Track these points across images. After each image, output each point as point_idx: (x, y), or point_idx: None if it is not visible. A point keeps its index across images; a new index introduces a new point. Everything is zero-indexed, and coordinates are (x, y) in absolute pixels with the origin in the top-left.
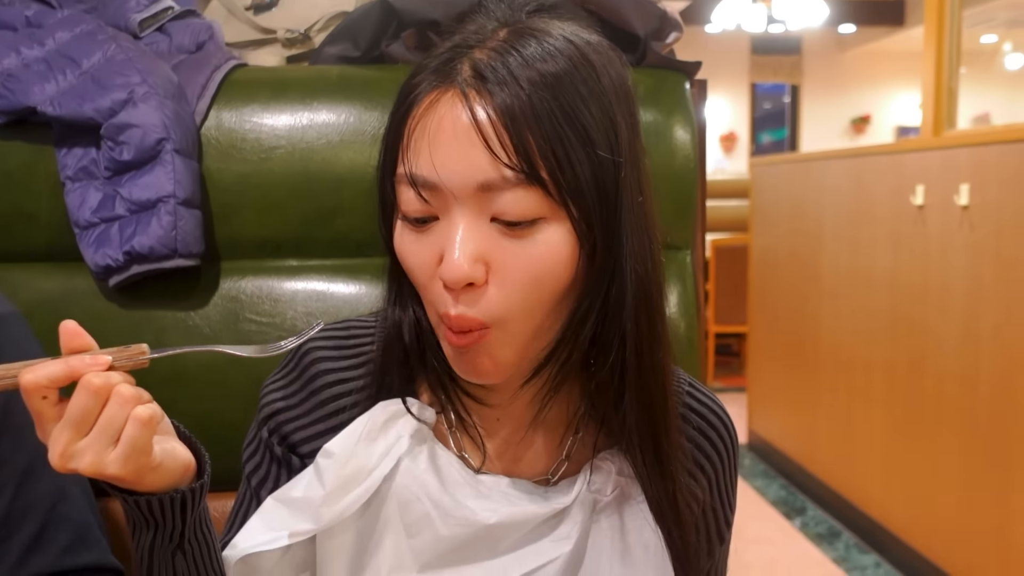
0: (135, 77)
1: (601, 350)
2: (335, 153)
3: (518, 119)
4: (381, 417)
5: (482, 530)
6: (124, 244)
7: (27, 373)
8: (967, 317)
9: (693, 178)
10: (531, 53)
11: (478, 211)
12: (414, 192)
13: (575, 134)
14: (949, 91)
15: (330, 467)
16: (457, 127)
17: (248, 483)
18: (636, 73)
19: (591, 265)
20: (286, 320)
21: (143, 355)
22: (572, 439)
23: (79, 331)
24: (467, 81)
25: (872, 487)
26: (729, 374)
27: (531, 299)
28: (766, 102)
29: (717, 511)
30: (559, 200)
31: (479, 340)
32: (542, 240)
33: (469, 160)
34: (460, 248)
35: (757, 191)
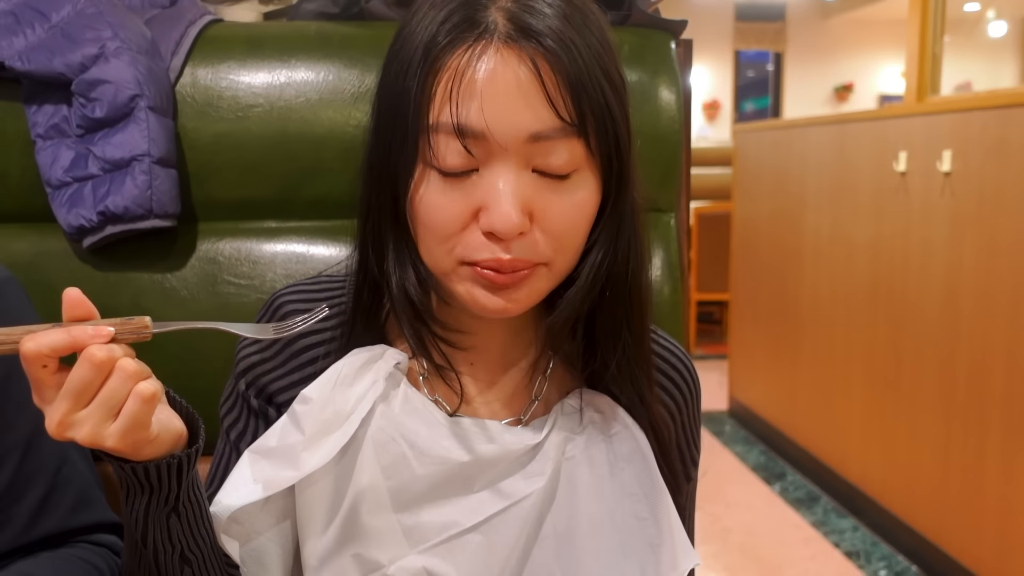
0: (106, 31)
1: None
2: (314, 112)
3: (576, 75)
4: (356, 363)
5: (456, 468)
6: (98, 204)
7: (28, 341)
8: (948, 283)
9: (678, 139)
10: (558, 9)
11: (522, 162)
12: (458, 143)
13: (610, 86)
14: (933, 57)
15: (308, 412)
16: (511, 79)
17: (227, 437)
18: (621, 32)
19: (612, 208)
20: (265, 282)
21: (146, 328)
22: (541, 378)
23: (82, 299)
24: (510, 34)
25: (851, 452)
26: (711, 342)
27: (571, 241)
28: (749, 70)
29: (683, 449)
30: (596, 151)
31: (528, 277)
32: (576, 187)
33: (521, 111)
34: (510, 199)
35: (740, 158)
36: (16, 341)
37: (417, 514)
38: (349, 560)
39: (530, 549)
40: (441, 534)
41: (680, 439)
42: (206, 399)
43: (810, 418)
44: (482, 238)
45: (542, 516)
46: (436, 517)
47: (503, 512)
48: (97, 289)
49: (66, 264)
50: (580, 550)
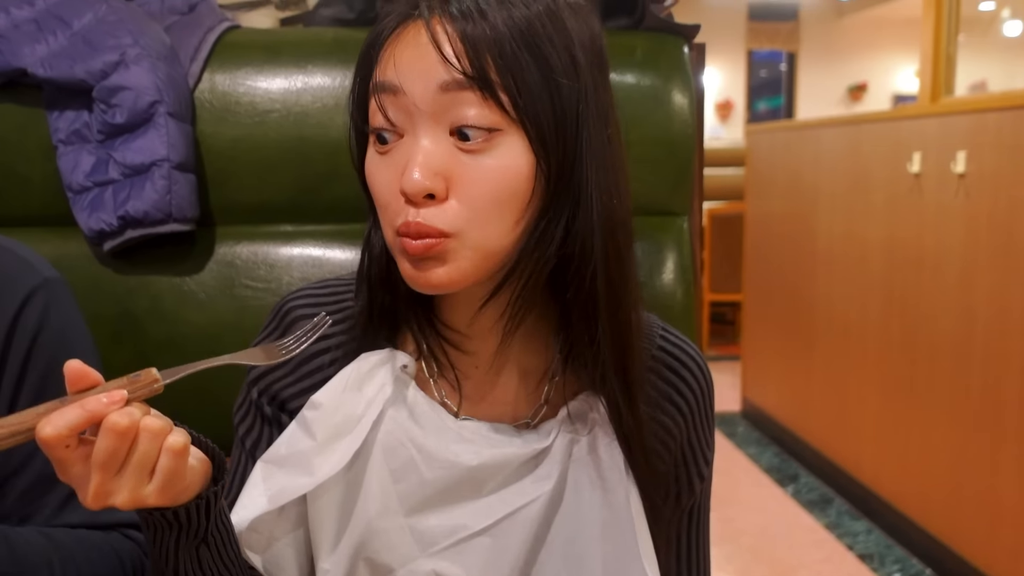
0: (127, 38)
1: (573, 282)
2: (330, 117)
3: (473, 29)
4: (364, 367)
5: (465, 472)
6: (118, 208)
7: (45, 426)
8: (962, 285)
9: (691, 143)
10: None
11: (437, 123)
12: (378, 103)
13: (531, 55)
14: (947, 57)
15: (319, 418)
16: (419, 39)
17: (242, 445)
18: (634, 36)
19: (549, 186)
20: (281, 285)
21: (156, 383)
22: (549, 384)
23: (84, 370)
24: (431, 7)
25: (864, 454)
26: (723, 342)
27: (490, 213)
28: (762, 69)
29: (695, 447)
30: (514, 116)
31: (436, 247)
32: (497, 155)
33: (428, 65)
34: (421, 160)
35: (753, 158)
36: (30, 427)
37: (426, 518)
38: (360, 564)
39: (538, 552)
40: (450, 537)
41: (691, 438)
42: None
43: (823, 419)
44: (403, 203)
45: (550, 519)
46: (445, 521)
47: (512, 515)
48: (117, 292)
49: (87, 267)
50: (587, 553)
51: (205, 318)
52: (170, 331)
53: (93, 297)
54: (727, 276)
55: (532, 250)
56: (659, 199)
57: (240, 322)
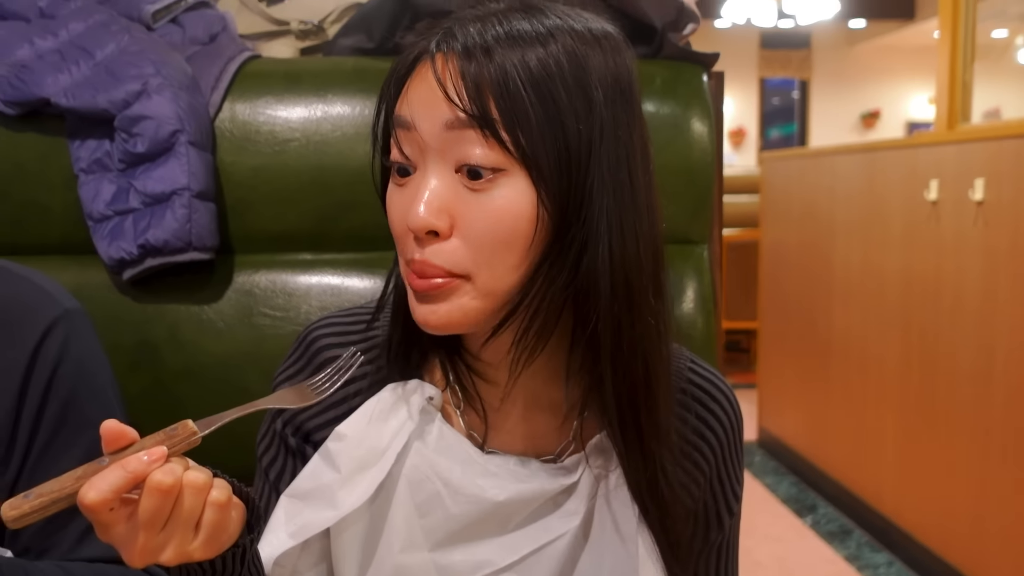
0: (149, 68)
1: (579, 324)
2: (350, 146)
3: (477, 68)
4: (390, 398)
5: (492, 507)
6: (138, 237)
7: (89, 491)
8: (982, 314)
9: (710, 172)
10: (515, 20)
11: (444, 160)
12: (394, 137)
13: (537, 94)
14: (964, 85)
15: (343, 450)
16: (429, 76)
17: (266, 476)
18: (653, 65)
19: (554, 227)
20: (300, 314)
21: (194, 435)
22: (578, 420)
23: (121, 430)
24: (444, 41)
25: (884, 484)
26: (739, 371)
27: (492, 252)
28: (775, 97)
29: (724, 483)
30: (517, 156)
31: (441, 288)
32: (500, 195)
33: (438, 102)
34: (427, 197)
35: (767, 186)
36: (71, 492)
37: (451, 553)
38: None
39: None
40: (475, 573)
41: (721, 473)
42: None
43: (842, 449)
44: (412, 238)
45: (576, 555)
46: (470, 556)
47: (537, 552)
48: (135, 320)
49: (105, 296)
50: None
51: (223, 347)
52: (188, 360)
53: (111, 326)
54: (742, 304)
55: (536, 289)
56: (678, 228)
57: (258, 351)
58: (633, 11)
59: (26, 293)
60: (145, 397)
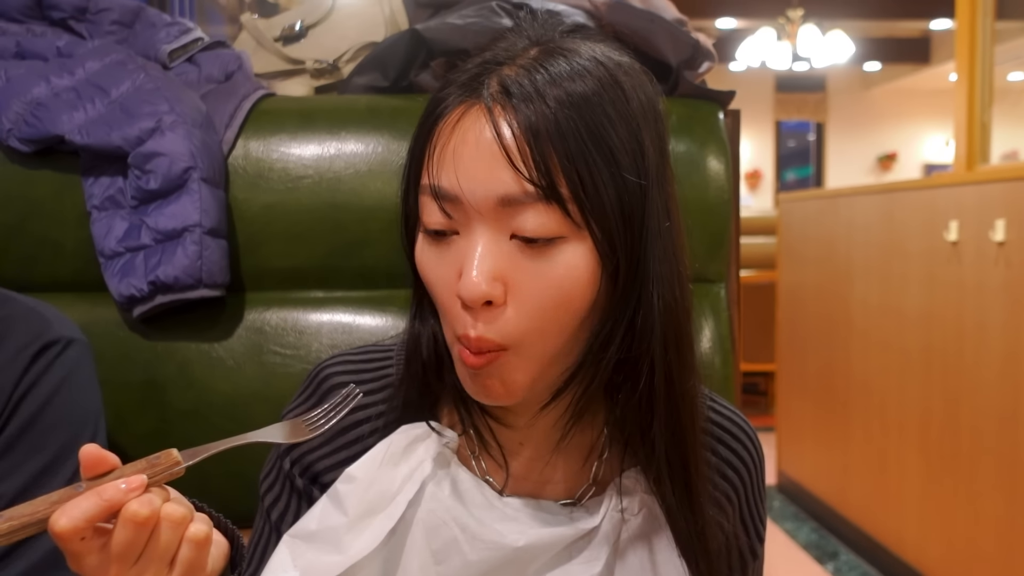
0: (163, 106)
1: (629, 377)
2: (363, 183)
3: (541, 134)
4: (403, 441)
5: (511, 553)
6: (149, 274)
7: (60, 518)
8: (1005, 355)
9: (727, 210)
10: (559, 71)
11: (498, 228)
12: (436, 205)
13: (600, 154)
14: (982, 125)
15: (352, 492)
16: (480, 141)
17: (268, 516)
18: (669, 102)
19: (614, 289)
20: (311, 352)
21: (177, 465)
22: (598, 462)
23: (101, 456)
24: (493, 96)
25: (908, 531)
26: (756, 413)
27: (550, 321)
28: (791, 140)
29: (748, 525)
30: (580, 220)
31: (494, 361)
32: (562, 261)
33: (491, 174)
34: (478, 265)
35: (784, 227)
36: (43, 518)
37: None
38: None
39: None
40: None
41: (744, 514)
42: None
43: (863, 494)
44: (461, 309)
45: None
46: None
47: None
48: (145, 358)
49: (116, 333)
50: None
51: (232, 385)
52: (197, 398)
53: (121, 364)
54: (759, 346)
55: (596, 355)
56: (695, 266)
57: (268, 390)
58: (648, 49)
59: (27, 316)
60: (153, 436)
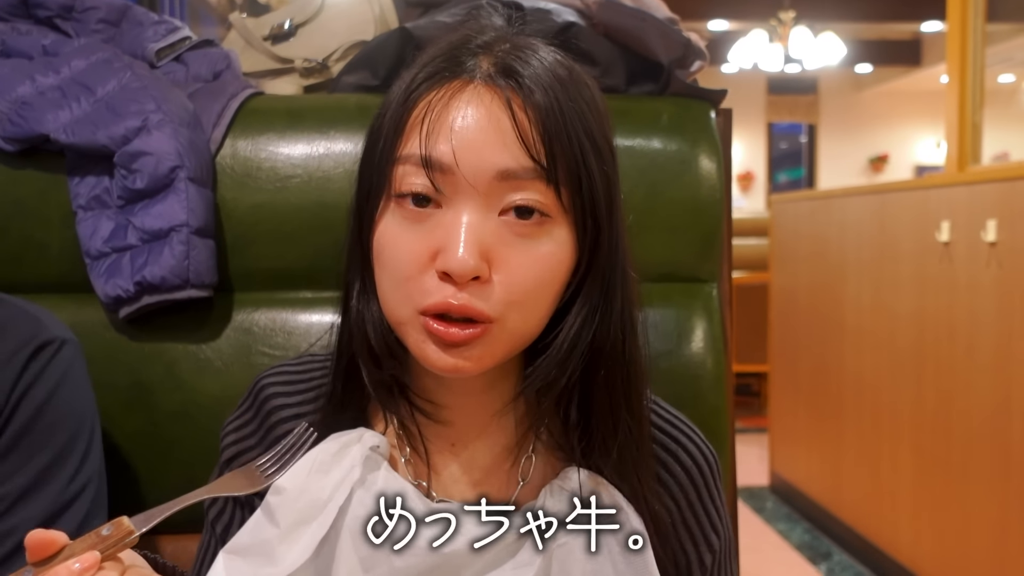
0: (150, 104)
1: (602, 363)
2: (352, 183)
3: (550, 119)
4: (332, 448)
5: (441, 559)
6: (135, 274)
7: None
8: (997, 355)
9: (719, 209)
10: (545, 59)
11: (487, 203)
12: (424, 174)
13: (590, 143)
14: (974, 126)
15: (282, 503)
16: (486, 114)
17: (212, 530)
18: (660, 101)
19: (591, 273)
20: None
21: (131, 535)
22: (527, 461)
23: (47, 539)
24: (491, 73)
25: (901, 531)
26: (749, 414)
27: (531, 299)
28: (783, 142)
29: (694, 533)
30: (569, 205)
31: (479, 337)
32: (546, 241)
33: (494, 147)
34: (467, 239)
35: (777, 228)
36: None
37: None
38: None
39: None
40: None
41: (689, 520)
42: None
43: (856, 494)
44: (436, 280)
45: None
46: None
47: None
48: (132, 359)
49: (102, 334)
50: None
51: (220, 386)
52: (185, 399)
53: (107, 365)
54: (751, 346)
55: (574, 337)
56: (687, 266)
57: None
58: (640, 48)
59: (16, 317)
60: (140, 437)
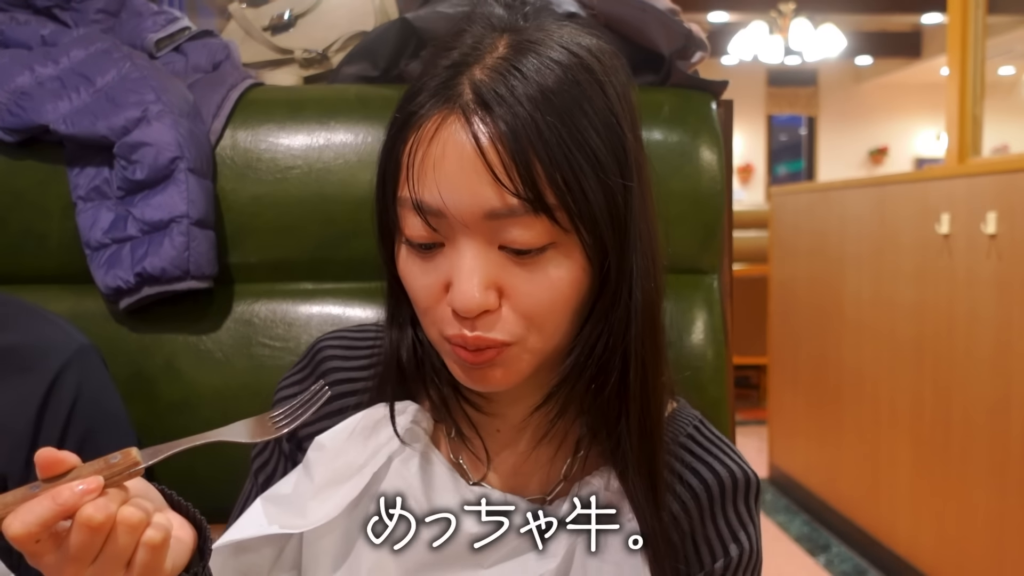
0: (149, 95)
1: (603, 370)
2: (352, 174)
3: (523, 144)
4: (376, 415)
5: (467, 540)
6: (135, 265)
7: (13, 521)
8: (996, 348)
9: (720, 200)
10: (531, 69)
11: (486, 239)
12: (420, 219)
13: (584, 158)
14: (974, 118)
15: (320, 460)
16: (463, 154)
17: (255, 479)
18: (661, 92)
19: (602, 287)
20: (300, 345)
21: (136, 465)
22: (571, 460)
23: (56, 458)
24: (469, 105)
25: (899, 523)
26: (748, 407)
27: (546, 320)
28: (782, 134)
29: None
30: (569, 226)
31: (497, 356)
32: (553, 265)
33: (475, 189)
34: (471, 277)
35: (776, 220)
36: None
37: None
38: None
39: None
40: None
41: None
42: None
43: (855, 486)
44: (451, 313)
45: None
46: None
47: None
48: (132, 350)
49: (103, 325)
50: None
51: (221, 378)
52: (185, 391)
53: (107, 356)
54: (750, 339)
55: (587, 353)
56: (687, 257)
57: (257, 382)
58: (640, 39)
59: (39, 328)
60: (140, 428)
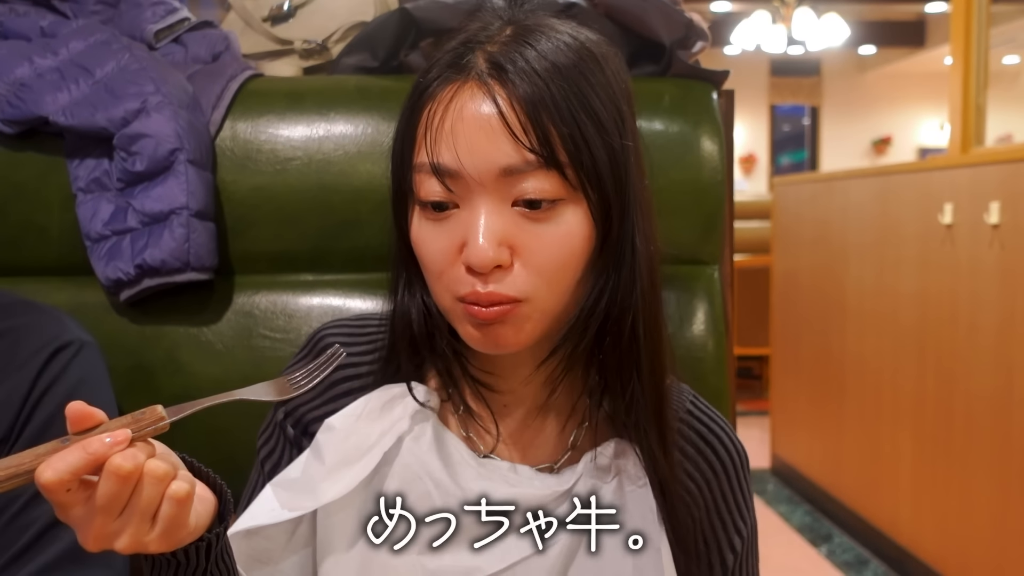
0: (149, 86)
1: (615, 323)
2: (352, 165)
3: (539, 107)
4: (385, 397)
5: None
6: (136, 257)
7: (46, 470)
8: (999, 338)
9: (721, 190)
10: (543, 46)
11: (499, 197)
12: (436, 180)
13: (591, 121)
14: (977, 108)
15: (330, 442)
16: (479, 116)
17: (261, 468)
18: (662, 82)
19: (605, 246)
20: (300, 336)
21: (162, 420)
22: (578, 429)
23: (87, 412)
24: (485, 72)
25: (901, 513)
26: (750, 397)
27: (554, 276)
28: (785, 124)
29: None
30: (577, 183)
31: (508, 313)
32: (562, 222)
33: (491, 147)
34: (484, 233)
35: (779, 211)
36: (29, 470)
37: (440, 556)
38: None
39: None
40: None
41: (720, 509)
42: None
43: (857, 477)
44: (465, 272)
45: (566, 567)
46: (459, 561)
47: (526, 560)
48: (132, 342)
49: (103, 317)
50: None
51: (221, 369)
52: (186, 382)
53: (108, 348)
54: (753, 329)
55: (589, 311)
56: (688, 248)
57: (258, 374)
58: (641, 28)
59: (39, 320)
60: None
